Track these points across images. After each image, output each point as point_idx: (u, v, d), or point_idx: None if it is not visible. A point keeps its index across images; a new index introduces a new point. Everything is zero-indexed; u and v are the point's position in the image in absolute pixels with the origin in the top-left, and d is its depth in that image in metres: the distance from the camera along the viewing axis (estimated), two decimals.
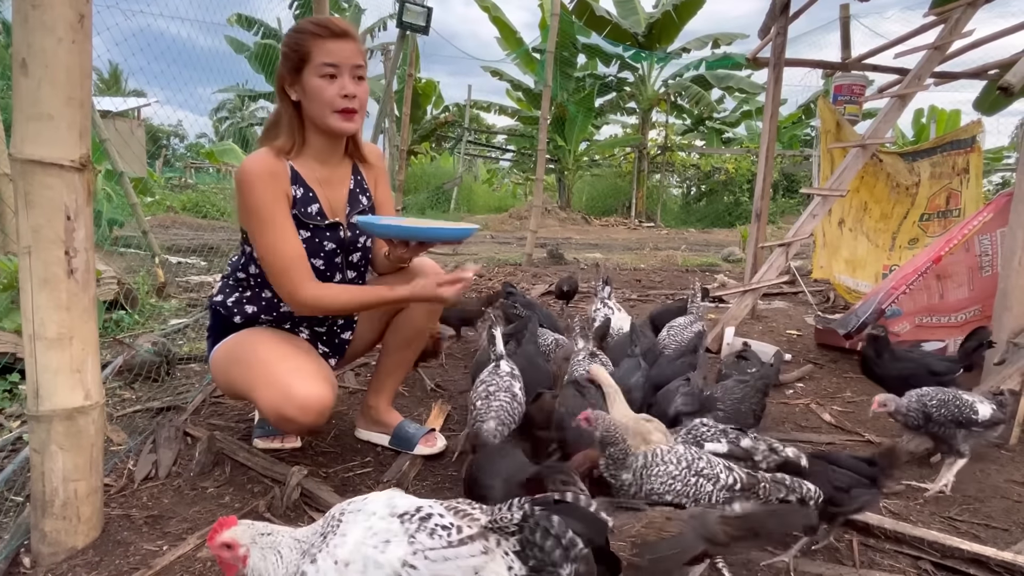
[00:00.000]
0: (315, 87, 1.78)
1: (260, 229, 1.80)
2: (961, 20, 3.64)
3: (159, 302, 4.27)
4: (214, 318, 2.05)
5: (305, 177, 1.89)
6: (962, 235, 3.11)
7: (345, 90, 1.79)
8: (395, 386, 2.33)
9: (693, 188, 20.05)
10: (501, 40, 15.95)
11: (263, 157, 1.82)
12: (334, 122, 1.83)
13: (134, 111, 15.24)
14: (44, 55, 1.35)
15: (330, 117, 1.82)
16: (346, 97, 1.80)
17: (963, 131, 4.49)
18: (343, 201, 1.99)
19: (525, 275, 6.43)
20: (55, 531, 1.52)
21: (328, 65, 1.77)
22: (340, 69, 1.79)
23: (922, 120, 15.90)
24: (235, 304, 1.98)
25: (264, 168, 1.80)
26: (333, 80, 1.79)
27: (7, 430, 2.26)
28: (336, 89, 1.79)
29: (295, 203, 1.86)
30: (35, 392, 1.46)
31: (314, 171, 1.91)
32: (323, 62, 1.77)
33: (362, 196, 2.05)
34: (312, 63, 1.78)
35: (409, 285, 1.84)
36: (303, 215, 1.88)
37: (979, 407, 2.03)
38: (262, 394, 1.78)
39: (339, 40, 1.78)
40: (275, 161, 1.83)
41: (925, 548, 1.68)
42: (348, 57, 1.79)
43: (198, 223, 10.13)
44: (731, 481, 1.51)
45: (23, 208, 1.40)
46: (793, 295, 5.59)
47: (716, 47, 15.70)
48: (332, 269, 1.99)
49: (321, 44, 1.77)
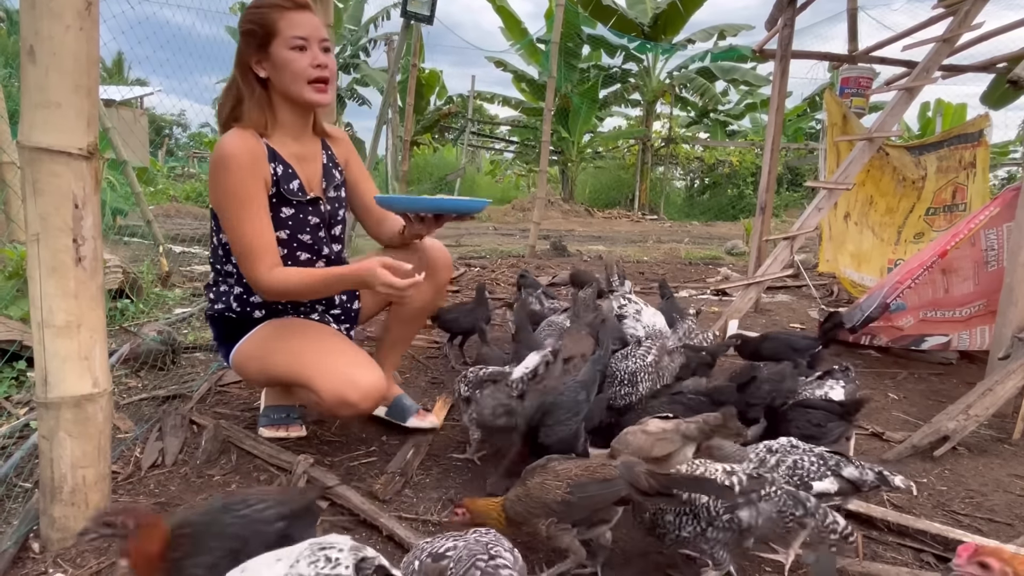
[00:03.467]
0: (286, 59, 1.78)
1: (236, 212, 1.77)
2: (971, 13, 3.61)
3: (163, 291, 4.28)
4: (220, 326, 2.03)
5: (282, 154, 1.88)
6: (968, 229, 3.09)
7: (317, 60, 1.80)
8: (397, 360, 2.40)
9: (697, 181, 19.99)
10: (505, 30, 15.87)
11: (241, 137, 1.79)
12: (308, 94, 1.82)
13: (137, 100, 15.22)
14: (52, 42, 1.34)
15: (304, 88, 1.81)
16: (319, 67, 1.80)
17: (970, 125, 4.46)
18: (319, 176, 1.99)
19: (528, 267, 6.43)
20: (64, 517, 1.53)
21: (298, 37, 1.77)
22: (309, 41, 1.79)
23: (928, 113, 15.82)
24: (240, 304, 1.98)
25: (244, 149, 1.77)
26: (303, 52, 1.79)
27: (14, 417, 2.28)
28: (308, 60, 1.79)
29: (277, 181, 1.85)
30: (44, 379, 1.46)
31: (289, 147, 1.90)
32: (293, 35, 1.77)
33: (335, 170, 2.05)
34: (281, 36, 1.77)
35: (354, 267, 1.76)
36: (287, 192, 1.87)
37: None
38: (323, 382, 1.80)
39: (303, 12, 1.79)
40: (254, 142, 1.81)
41: (928, 541, 1.69)
42: (315, 28, 1.80)
43: (201, 212, 10.13)
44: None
45: (31, 196, 1.40)
46: (797, 289, 5.58)
47: (722, 39, 15.61)
48: (319, 243, 2.00)
49: (288, 16, 1.77)
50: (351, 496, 1.76)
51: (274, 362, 1.92)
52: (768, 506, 1.40)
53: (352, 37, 19.68)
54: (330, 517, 1.73)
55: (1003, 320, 2.63)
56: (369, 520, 1.68)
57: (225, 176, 1.76)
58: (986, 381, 2.40)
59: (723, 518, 1.38)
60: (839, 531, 1.40)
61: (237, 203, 1.77)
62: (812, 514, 1.40)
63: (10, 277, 3.21)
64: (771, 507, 1.40)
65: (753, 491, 1.39)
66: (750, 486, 1.39)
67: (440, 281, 2.21)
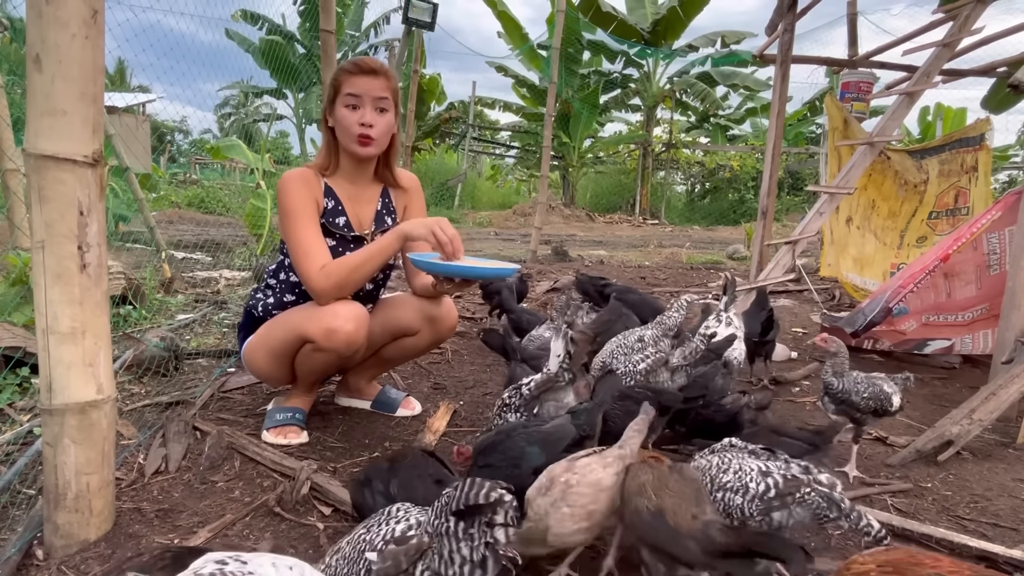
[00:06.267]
0: (341, 115, 2.07)
1: (293, 223, 2.04)
2: (971, 17, 3.62)
3: (166, 297, 4.29)
4: (247, 317, 2.32)
5: (337, 192, 2.17)
6: (970, 233, 3.10)
7: (363, 119, 2.05)
8: (376, 373, 2.57)
9: (697, 185, 20.01)
10: (506, 36, 15.93)
11: (300, 171, 2.13)
12: (352, 146, 2.09)
13: (139, 107, 15.27)
14: (58, 50, 1.35)
15: (351, 142, 2.08)
16: (363, 125, 2.05)
17: (971, 129, 4.47)
18: (370, 218, 2.26)
19: (530, 272, 6.43)
20: (68, 524, 1.53)
21: (352, 96, 2.04)
22: (362, 100, 2.04)
23: (928, 118, 15.81)
24: (263, 308, 2.27)
25: (299, 176, 2.10)
26: (355, 110, 2.05)
27: (18, 424, 2.28)
28: (356, 117, 2.05)
29: (325, 212, 2.14)
30: (48, 386, 1.47)
31: (344, 188, 2.20)
32: (348, 93, 2.04)
33: (388, 217, 2.30)
34: (341, 94, 2.05)
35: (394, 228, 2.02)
36: (330, 224, 2.15)
37: (895, 400, 2.05)
38: (311, 325, 2.01)
39: (366, 76, 2.04)
40: (311, 174, 2.13)
41: (933, 545, 1.68)
42: (371, 90, 2.04)
43: (203, 218, 10.15)
44: (763, 489, 1.38)
45: (36, 203, 1.40)
46: (799, 293, 5.58)
47: (724, 45, 15.65)
48: None
49: (350, 78, 2.04)
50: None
51: (274, 336, 2.14)
52: (802, 510, 1.36)
53: (353, 42, 19.76)
54: (334, 523, 1.73)
55: (1006, 324, 2.63)
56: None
57: (284, 196, 2.06)
58: (990, 385, 2.40)
59: (755, 519, 1.36)
60: (873, 533, 1.34)
61: (293, 216, 2.05)
62: (847, 516, 1.34)
63: (14, 284, 3.22)
64: (805, 511, 1.36)
65: (789, 494, 1.35)
66: (786, 488, 1.35)
67: (442, 332, 2.36)
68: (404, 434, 2.34)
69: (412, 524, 1.21)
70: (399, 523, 1.22)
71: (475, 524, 1.11)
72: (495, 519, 1.10)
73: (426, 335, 2.32)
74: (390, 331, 2.30)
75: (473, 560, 1.10)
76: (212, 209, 10.97)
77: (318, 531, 1.69)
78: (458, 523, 1.12)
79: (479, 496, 1.09)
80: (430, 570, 1.13)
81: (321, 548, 1.61)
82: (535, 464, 1.53)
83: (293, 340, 2.09)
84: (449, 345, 3.46)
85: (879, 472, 2.16)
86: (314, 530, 1.69)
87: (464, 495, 1.10)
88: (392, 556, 1.13)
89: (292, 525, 1.71)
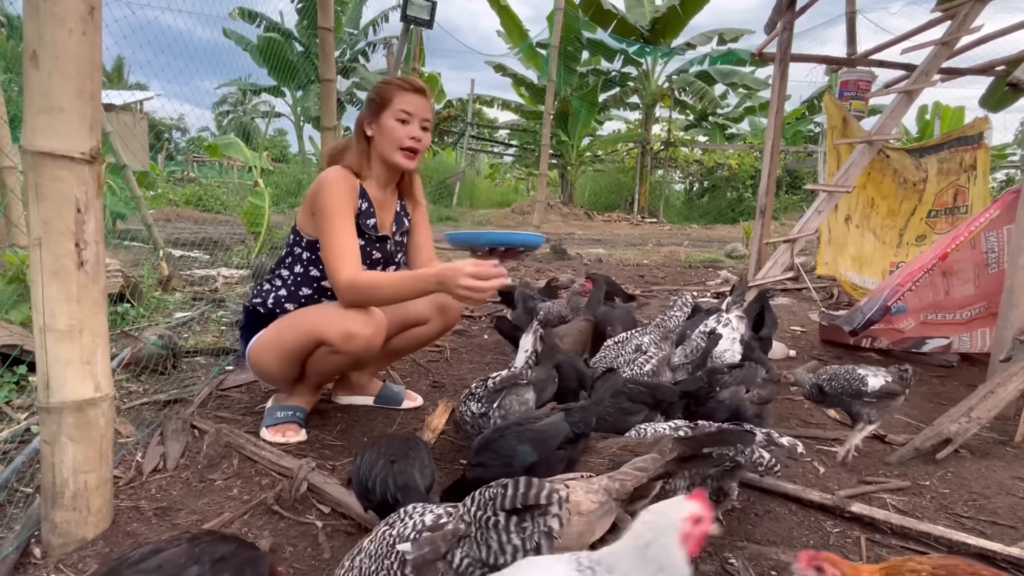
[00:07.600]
0: (390, 127, 2.15)
1: (331, 223, 2.06)
2: (969, 16, 3.62)
3: (164, 295, 4.28)
4: (250, 318, 2.27)
5: (370, 195, 2.24)
6: (969, 232, 3.10)
7: (414, 134, 2.17)
8: (381, 366, 2.65)
9: (696, 184, 20.01)
10: (505, 34, 15.91)
11: (342, 171, 2.17)
12: (397, 157, 2.18)
13: (137, 104, 15.23)
14: (55, 47, 1.35)
15: (395, 153, 2.18)
16: (413, 139, 2.17)
17: (970, 127, 4.47)
18: (391, 221, 2.36)
19: (528, 270, 6.43)
20: (65, 522, 1.52)
21: (405, 112, 2.14)
22: (413, 117, 2.16)
23: (926, 116, 15.84)
24: (275, 301, 2.24)
25: (344, 177, 2.16)
26: (405, 125, 2.16)
27: (15, 422, 2.27)
28: (406, 132, 2.16)
29: (359, 214, 2.20)
30: (45, 384, 1.46)
31: (373, 192, 2.27)
32: (401, 108, 2.14)
33: (404, 218, 2.41)
34: (391, 108, 2.14)
35: (437, 267, 1.95)
36: (363, 225, 2.22)
37: (869, 380, 2.15)
38: (328, 327, 2.03)
39: (417, 95, 2.17)
40: (352, 176, 2.20)
41: (931, 543, 1.68)
42: (422, 109, 2.18)
43: (200, 216, 10.13)
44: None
45: (33, 200, 1.40)
46: (797, 292, 5.58)
47: (722, 43, 15.64)
48: None
49: (403, 95, 2.15)
50: (352, 504, 1.75)
51: (286, 339, 2.13)
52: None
53: (351, 40, 19.72)
54: (332, 522, 1.73)
55: (1004, 322, 2.63)
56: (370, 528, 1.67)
57: (327, 195, 2.08)
58: (988, 383, 2.40)
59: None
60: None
61: (332, 216, 2.07)
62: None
63: (11, 281, 3.20)
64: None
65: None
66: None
67: (451, 320, 2.49)
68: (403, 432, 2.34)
69: (441, 514, 1.22)
70: (425, 515, 1.23)
71: (529, 519, 1.14)
72: (550, 510, 1.15)
73: (436, 324, 2.43)
74: (402, 322, 2.37)
75: (527, 548, 1.13)
76: (210, 207, 10.93)
77: (316, 529, 1.69)
78: (509, 518, 1.15)
79: (539, 496, 1.14)
80: (470, 558, 1.15)
81: (320, 546, 1.61)
82: (527, 462, 1.53)
83: (308, 341, 2.08)
84: (448, 343, 3.45)
85: (878, 470, 2.16)
86: (313, 528, 1.69)
87: (521, 495, 1.14)
88: (430, 542, 1.14)
89: (291, 523, 1.71)
